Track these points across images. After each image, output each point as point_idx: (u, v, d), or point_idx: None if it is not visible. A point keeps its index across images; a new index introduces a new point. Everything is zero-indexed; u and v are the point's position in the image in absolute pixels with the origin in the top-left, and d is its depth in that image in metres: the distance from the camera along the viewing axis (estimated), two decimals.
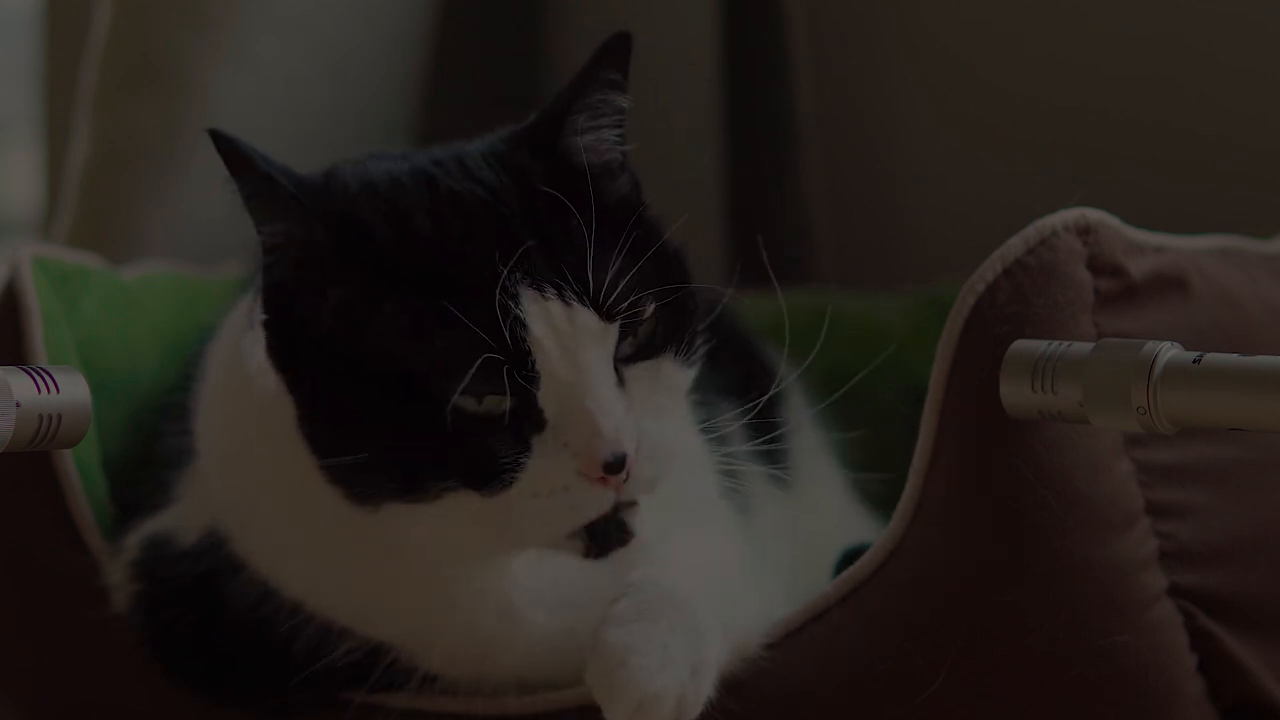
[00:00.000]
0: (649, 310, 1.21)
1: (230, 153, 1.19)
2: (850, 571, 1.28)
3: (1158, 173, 1.90)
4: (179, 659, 1.32)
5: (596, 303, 1.18)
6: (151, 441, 1.39)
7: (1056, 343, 1.19)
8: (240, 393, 1.26)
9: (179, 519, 1.33)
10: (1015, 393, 1.20)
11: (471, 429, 1.17)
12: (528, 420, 1.18)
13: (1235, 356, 1.14)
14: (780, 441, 1.52)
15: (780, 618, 1.29)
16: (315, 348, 1.20)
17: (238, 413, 1.28)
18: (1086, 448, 1.24)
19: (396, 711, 1.29)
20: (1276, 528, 1.32)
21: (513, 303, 1.17)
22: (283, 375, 1.22)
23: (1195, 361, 1.14)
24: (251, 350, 1.25)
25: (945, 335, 1.26)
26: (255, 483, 1.27)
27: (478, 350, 1.16)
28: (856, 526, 1.56)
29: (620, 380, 1.20)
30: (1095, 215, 1.28)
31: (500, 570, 1.25)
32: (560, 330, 1.17)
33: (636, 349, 1.21)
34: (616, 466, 1.17)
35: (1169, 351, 1.15)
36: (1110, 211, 1.29)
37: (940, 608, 1.25)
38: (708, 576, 1.28)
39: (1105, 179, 1.79)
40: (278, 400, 1.22)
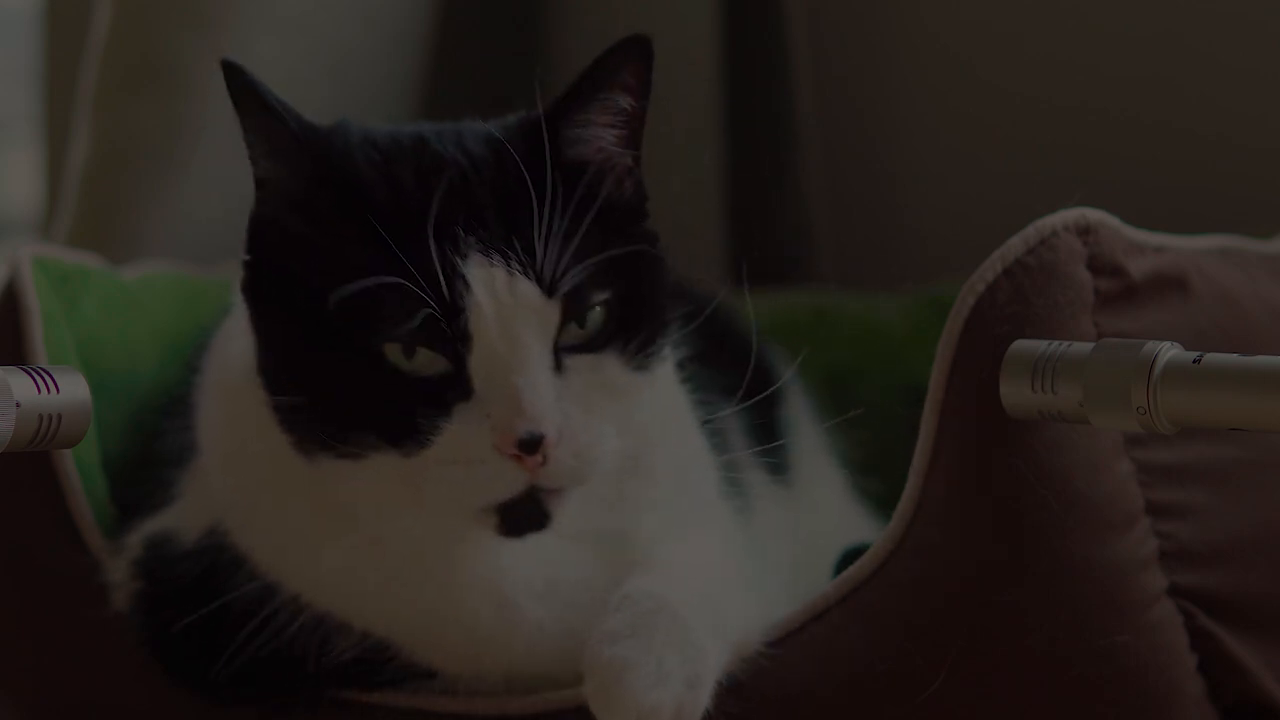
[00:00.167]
0: (596, 299, 1.20)
1: (239, 84, 1.21)
2: (850, 571, 1.28)
3: (1158, 173, 1.91)
4: (179, 658, 1.32)
5: (540, 277, 1.18)
6: (152, 440, 1.39)
7: (1056, 343, 1.19)
8: (241, 388, 1.27)
9: (181, 517, 1.33)
10: (1015, 393, 1.20)
11: (399, 385, 1.18)
12: (455, 386, 1.19)
13: (1235, 356, 1.14)
14: (780, 442, 1.53)
15: (780, 618, 1.29)
16: (279, 285, 1.22)
17: (238, 408, 1.28)
18: (1086, 448, 1.24)
19: (397, 711, 1.29)
20: (1276, 528, 1.32)
21: (461, 262, 1.17)
22: (251, 311, 1.24)
23: (1195, 361, 1.14)
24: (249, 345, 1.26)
25: (945, 335, 1.26)
26: (255, 476, 1.27)
27: (417, 302, 1.17)
28: (856, 526, 1.56)
29: (559, 367, 1.20)
30: (1095, 215, 1.28)
31: (492, 562, 1.25)
32: (500, 297, 1.18)
33: (582, 340, 1.21)
34: (531, 446, 1.17)
35: (1169, 351, 1.15)
36: (1110, 211, 1.29)
37: (940, 608, 1.25)
38: (707, 577, 1.28)
39: (1105, 179, 1.80)
40: None
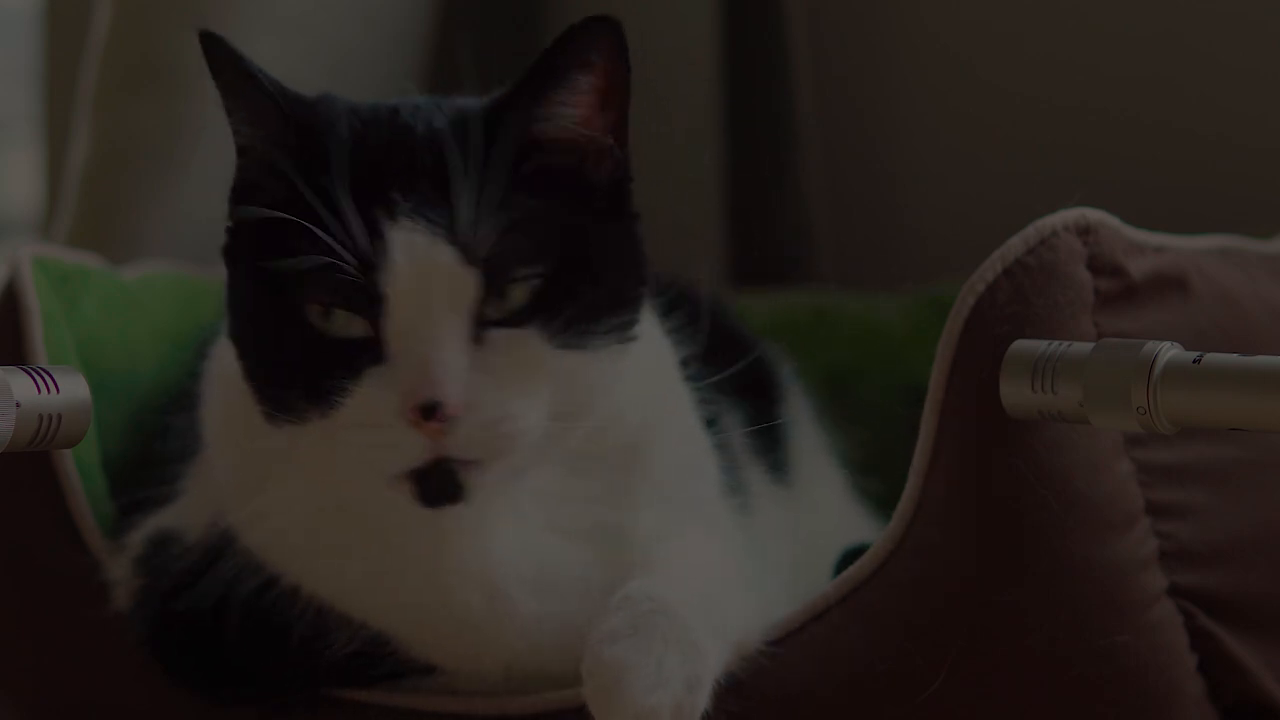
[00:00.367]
0: (523, 272, 1.20)
1: (218, 54, 1.23)
2: (850, 571, 1.28)
3: (1158, 173, 1.91)
4: (179, 655, 1.32)
5: (460, 244, 1.18)
6: (154, 439, 1.39)
7: (1056, 343, 1.19)
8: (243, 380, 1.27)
9: (184, 513, 1.33)
10: (1015, 393, 1.20)
11: (320, 347, 1.20)
12: (369, 349, 1.19)
13: (1235, 356, 1.14)
14: (780, 441, 1.53)
15: (780, 618, 1.29)
16: (247, 249, 1.24)
17: (242, 397, 1.28)
18: (1086, 448, 1.24)
19: (397, 712, 1.29)
20: (1276, 528, 1.32)
21: (388, 225, 1.18)
22: (227, 277, 1.26)
23: (1195, 361, 1.14)
24: None
25: (945, 335, 1.26)
26: (254, 462, 1.27)
27: (339, 260, 1.18)
28: (856, 526, 1.56)
29: (478, 339, 1.20)
30: (1095, 215, 1.28)
31: (482, 552, 1.25)
32: (417, 261, 1.18)
33: (506, 315, 1.20)
34: (429, 412, 1.17)
35: (1169, 351, 1.15)
36: (1110, 211, 1.29)
37: (940, 608, 1.25)
38: (707, 577, 1.28)
39: (1105, 179, 1.80)
40: None
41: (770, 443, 1.50)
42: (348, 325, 1.20)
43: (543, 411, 1.21)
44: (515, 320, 1.20)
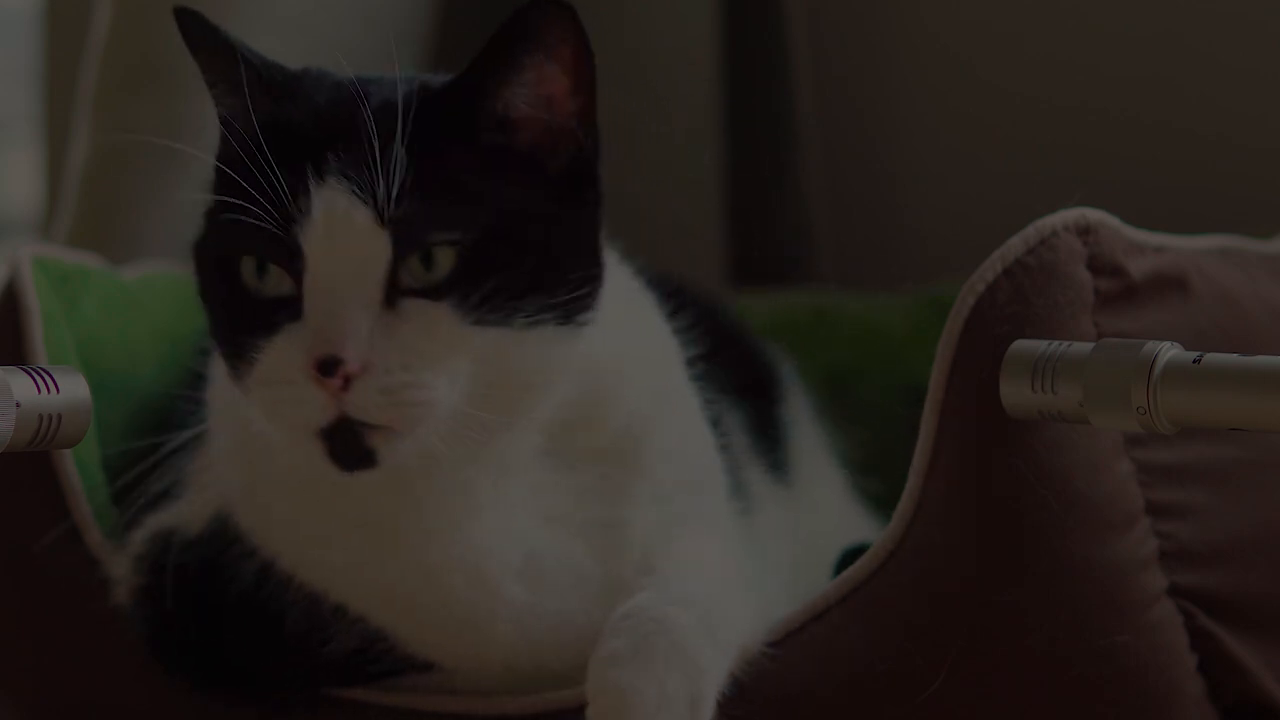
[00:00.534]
0: (438, 237, 1.20)
1: (195, 28, 1.24)
2: (850, 571, 1.28)
3: (1158, 173, 1.91)
4: (179, 655, 1.32)
5: (377, 206, 1.19)
6: (156, 437, 1.39)
7: (1056, 343, 1.19)
8: None
9: (186, 510, 1.33)
10: (1015, 393, 1.20)
11: (251, 303, 1.21)
12: (290, 306, 1.20)
13: (1235, 356, 1.14)
14: (781, 441, 1.53)
15: (780, 618, 1.29)
16: (208, 209, 1.26)
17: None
18: (1086, 448, 1.24)
19: (397, 712, 1.29)
20: (1276, 528, 1.32)
21: (316, 181, 1.19)
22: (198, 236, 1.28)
23: (1195, 361, 1.14)
24: None
25: (945, 335, 1.26)
26: (253, 450, 1.27)
27: (265, 220, 1.19)
28: (856, 526, 1.56)
29: (392, 304, 1.20)
30: (1095, 215, 1.28)
31: (467, 540, 1.25)
32: (337, 220, 1.19)
33: (424, 285, 1.20)
34: (328, 368, 1.17)
35: (1169, 351, 1.15)
36: (1110, 211, 1.29)
37: (940, 608, 1.25)
38: (708, 578, 1.28)
39: (1105, 179, 1.80)
40: None
41: (770, 443, 1.50)
42: (279, 284, 1.21)
43: (457, 387, 1.20)
44: (435, 292, 1.20)
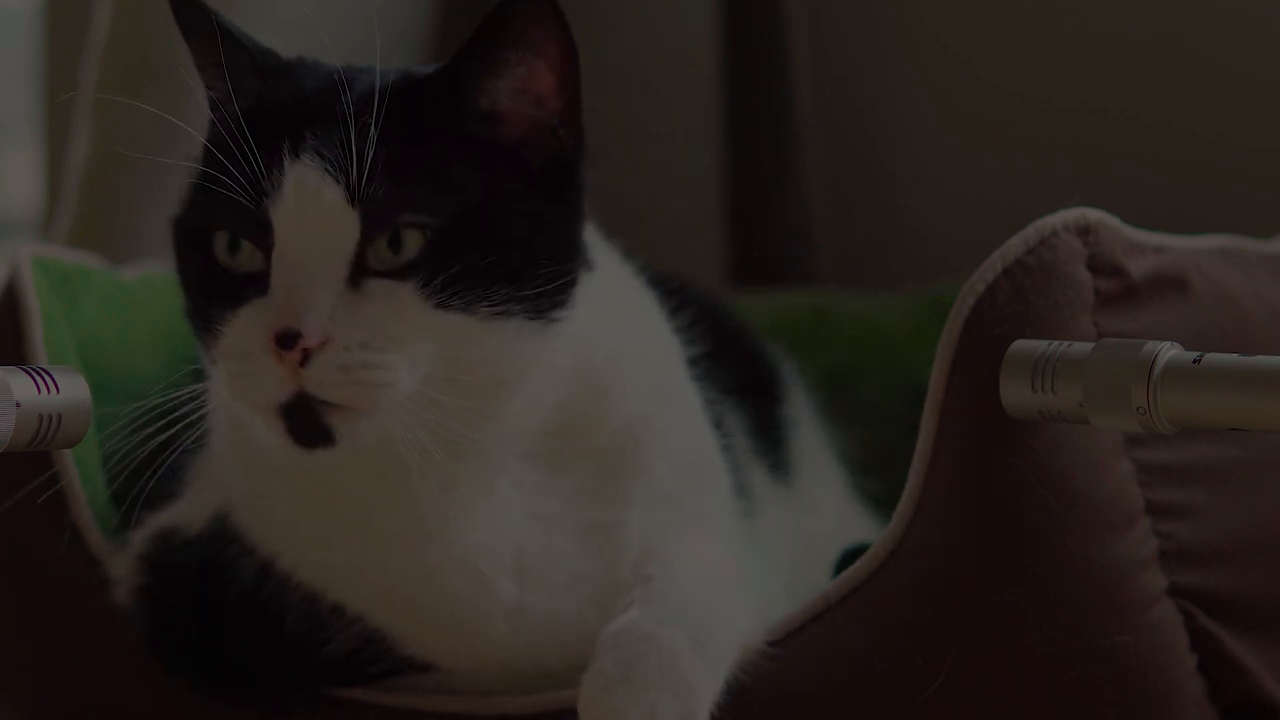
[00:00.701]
0: (407, 219, 1.20)
1: (188, 13, 1.25)
2: (850, 571, 1.28)
3: (1158, 173, 1.91)
4: (179, 655, 1.32)
5: (347, 184, 1.19)
6: (158, 435, 1.39)
7: (1056, 343, 1.19)
8: None
9: (186, 510, 1.33)
10: (1015, 393, 1.20)
11: (222, 279, 1.22)
12: (258, 281, 1.21)
13: (1235, 356, 1.14)
14: (781, 441, 1.53)
15: (780, 618, 1.29)
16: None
17: None
18: (1086, 448, 1.24)
19: (396, 712, 1.29)
20: (1276, 528, 1.32)
21: (290, 158, 1.20)
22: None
23: (1195, 361, 1.14)
24: None
25: (945, 335, 1.26)
26: (251, 448, 1.27)
27: (237, 192, 1.20)
28: (856, 526, 1.56)
29: (357, 284, 1.20)
30: (1095, 215, 1.28)
31: (463, 539, 1.25)
32: (307, 196, 1.19)
33: (391, 267, 1.20)
34: (286, 341, 1.17)
35: (1169, 351, 1.15)
36: (1110, 211, 1.29)
37: (940, 608, 1.25)
38: (707, 580, 1.28)
39: (1105, 179, 1.80)
40: None
41: (771, 443, 1.50)
42: (250, 260, 1.21)
43: (418, 370, 1.20)
44: (399, 274, 1.20)
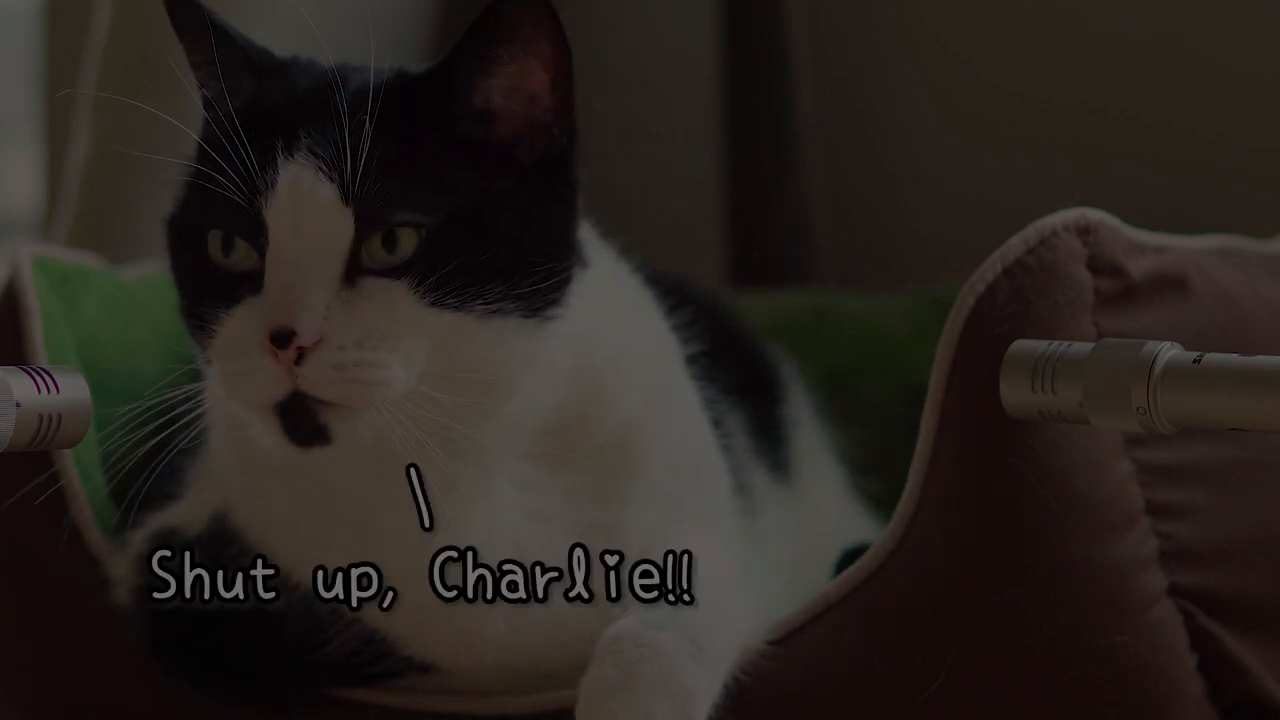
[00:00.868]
0: (401, 217, 1.20)
1: (183, 11, 1.26)
2: (850, 571, 1.28)
3: (1158, 173, 1.91)
4: (179, 654, 1.32)
5: (341, 182, 1.19)
6: (159, 435, 1.39)
7: (1056, 343, 1.19)
8: None
9: (186, 510, 1.33)
10: (1015, 393, 1.20)
11: (216, 278, 1.22)
12: (252, 280, 1.21)
13: (1235, 356, 1.14)
14: (781, 441, 1.53)
15: (780, 618, 1.29)
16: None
17: None
18: (1086, 448, 1.24)
19: (396, 712, 1.29)
20: (1276, 528, 1.32)
21: (284, 157, 1.20)
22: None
23: (1195, 361, 1.14)
24: None
25: (945, 335, 1.26)
26: (250, 449, 1.27)
27: (231, 191, 1.20)
28: (856, 526, 1.56)
29: (351, 282, 1.20)
30: (1095, 215, 1.28)
31: (461, 539, 1.25)
32: (301, 194, 1.19)
33: (386, 265, 1.20)
34: (281, 340, 1.17)
35: (1169, 351, 1.15)
36: (1110, 211, 1.29)
37: (940, 608, 1.25)
38: (707, 581, 1.28)
39: (1105, 179, 1.80)
40: None
41: (771, 443, 1.50)
42: (244, 260, 1.21)
43: (413, 368, 1.20)
44: (394, 272, 1.20)
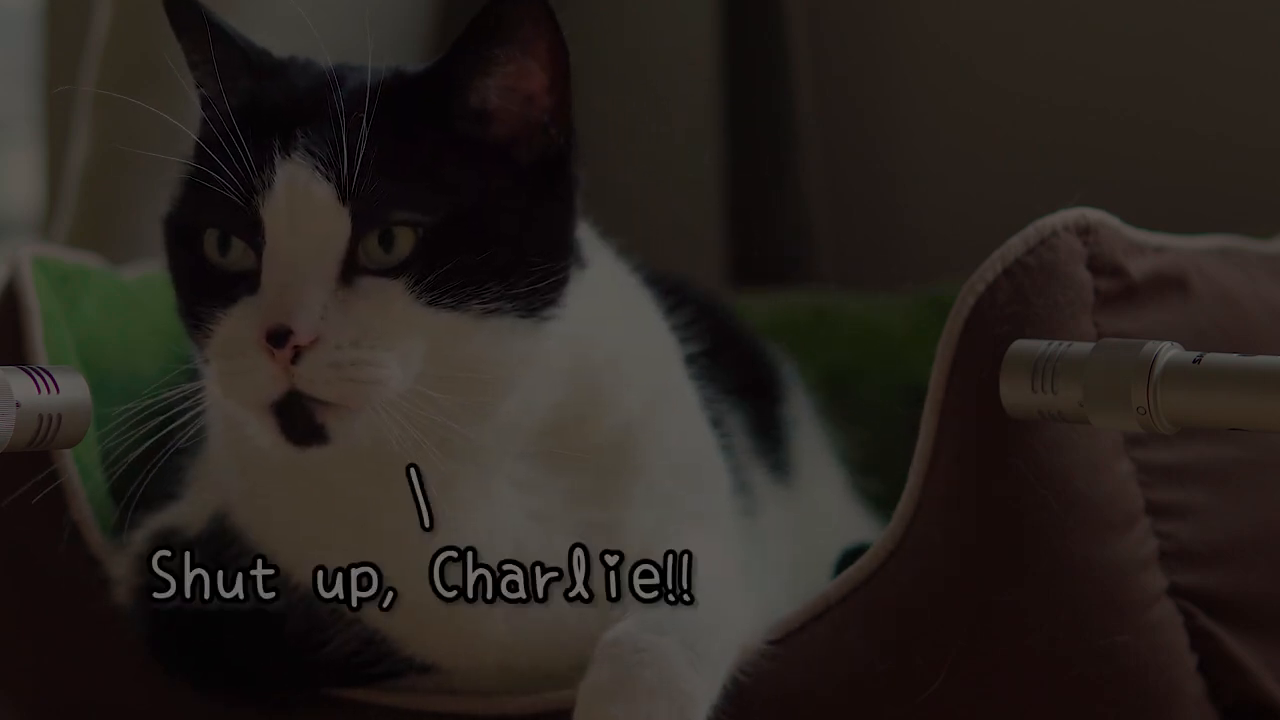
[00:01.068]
0: (399, 216, 1.20)
1: (182, 11, 1.26)
2: (850, 571, 1.28)
3: (1158, 173, 1.91)
4: (179, 654, 1.32)
5: (338, 181, 1.19)
6: (158, 434, 1.39)
7: (1056, 343, 1.19)
8: None
9: (186, 510, 1.33)
10: (1015, 393, 1.20)
11: (211, 278, 1.22)
12: (249, 279, 1.21)
13: (1235, 356, 1.14)
14: (781, 441, 1.53)
15: (780, 618, 1.29)
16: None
17: None
18: (1086, 448, 1.24)
19: (396, 712, 1.29)
20: (1276, 528, 1.32)
21: (281, 156, 1.20)
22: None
23: (1195, 361, 1.14)
24: None
25: (945, 335, 1.26)
26: (248, 449, 1.27)
27: (228, 190, 1.20)
28: (856, 526, 1.56)
29: (349, 281, 1.20)
30: (1095, 215, 1.28)
31: (457, 532, 1.25)
32: (298, 193, 1.19)
33: (383, 265, 1.20)
34: (278, 338, 1.17)
35: (1169, 351, 1.15)
36: (1110, 211, 1.29)
37: (940, 608, 1.25)
38: (707, 581, 1.28)
39: (1105, 179, 1.80)
40: None
41: (771, 443, 1.50)
42: (241, 259, 1.21)
43: (410, 368, 1.20)
44: (391, 271, 1.20)
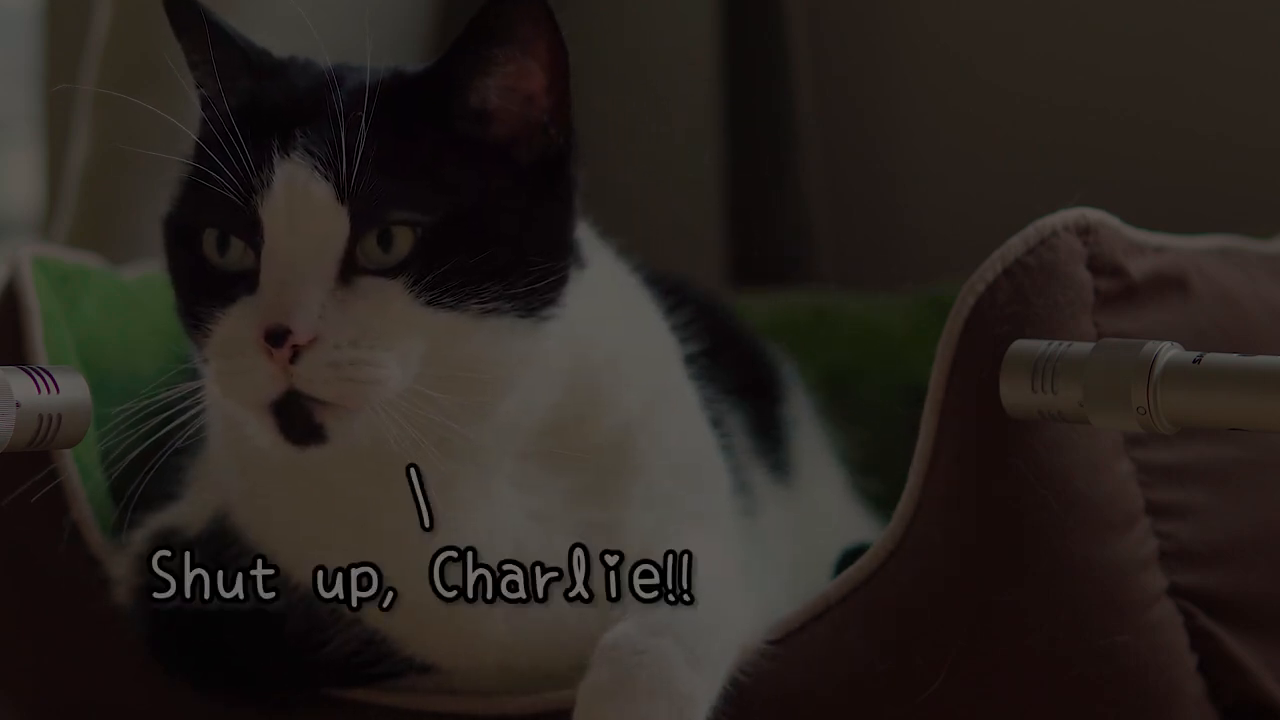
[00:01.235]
0: (398, 216, 1.20)
1: (182, 10, 1.26)
2: (850, 571, 1.28)
3: (1158, 173, 1.91)
4: (179, 654, 1.32)
5: (337, 181, 1.19)
6: (158, 434, 1.39)
7: (1056, 343, 1.19)
8: None
9: (186, 510, 1.33)
10: (1015, 393, 1.20)
11: (210, 277, 1.22)
12: (247, 279, 1.21)
13: (1235, 356, 1.14)
14: (781, 441, 1.53)
15: (780, 618, 1.29)
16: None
17: None
18: (1086, 448, 1.24)
19: (397, 712, 1.29)
20: (1276, 528, 1.32)
21: (280, 156, 1.20)
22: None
23: (1195, 361, 1.14)
24: None
25: (945, 335, 1.26)
26: (248, 448, 1.27)
27: (227, 189, 1.20)
28: (856, 526, 1.56)
29: (347, 281, 1.20)
30: (1095, 215, 1.28)
31: (460, 539, 1.25)
32: (297, 193, 1.19)
33: (382, 265, 1.20)
34: (276, 338, 1.17)
35: (1169, 351, 1.15)
36: (1110, 211, 1.29)
37: (940, 608, 1.25)
38: (707, 581, 1.28)
39: (1105, 179, 1.80)
40: None
41: (771, 443, 1.50)
42: (240, 259, 1.21)
43: (409, 368, 1.20)
44: (390, 271, 1.20)
